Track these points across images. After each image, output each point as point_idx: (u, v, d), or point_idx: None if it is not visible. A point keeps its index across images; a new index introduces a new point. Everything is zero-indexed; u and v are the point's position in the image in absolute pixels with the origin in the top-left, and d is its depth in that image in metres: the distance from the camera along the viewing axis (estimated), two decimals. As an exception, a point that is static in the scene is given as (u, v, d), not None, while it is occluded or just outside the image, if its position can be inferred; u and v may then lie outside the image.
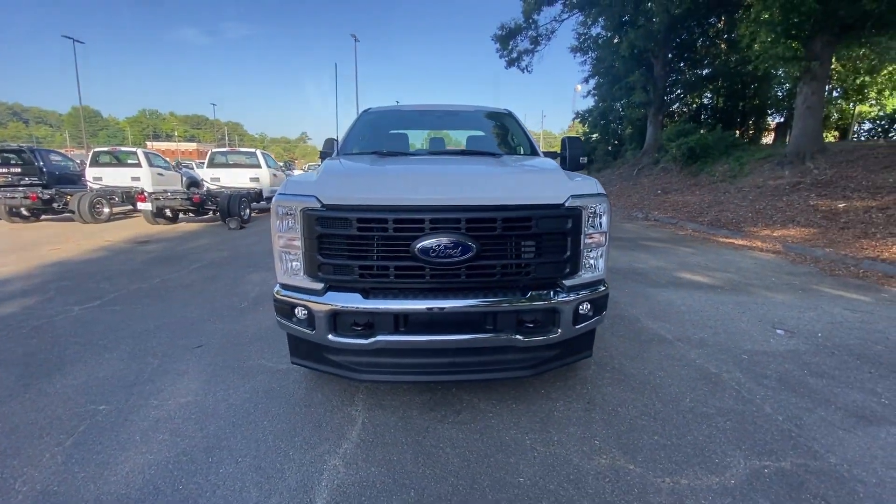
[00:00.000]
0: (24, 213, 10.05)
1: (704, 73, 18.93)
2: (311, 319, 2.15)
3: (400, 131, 4.04)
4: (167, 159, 14.70)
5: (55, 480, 1.82)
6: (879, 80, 14.57)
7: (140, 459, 1.95)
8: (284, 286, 2.25)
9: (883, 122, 17.04)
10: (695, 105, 21.15)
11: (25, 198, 9.58)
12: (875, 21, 9.05)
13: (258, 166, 12.61)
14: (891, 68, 12.93)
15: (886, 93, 15.79)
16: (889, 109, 16.81)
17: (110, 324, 3.63)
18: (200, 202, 9.56)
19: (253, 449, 2.03)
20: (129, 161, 12.64)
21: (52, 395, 2.50)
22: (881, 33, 9.18)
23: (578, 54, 21.17)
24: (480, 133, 4.21)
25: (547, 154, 3.57)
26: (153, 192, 9.91)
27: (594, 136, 23.74)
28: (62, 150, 16.10)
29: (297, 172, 14.99)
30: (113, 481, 1.82)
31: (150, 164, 12.63)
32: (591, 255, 2.26)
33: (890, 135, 16.23)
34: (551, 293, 2.17)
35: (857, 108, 18.03)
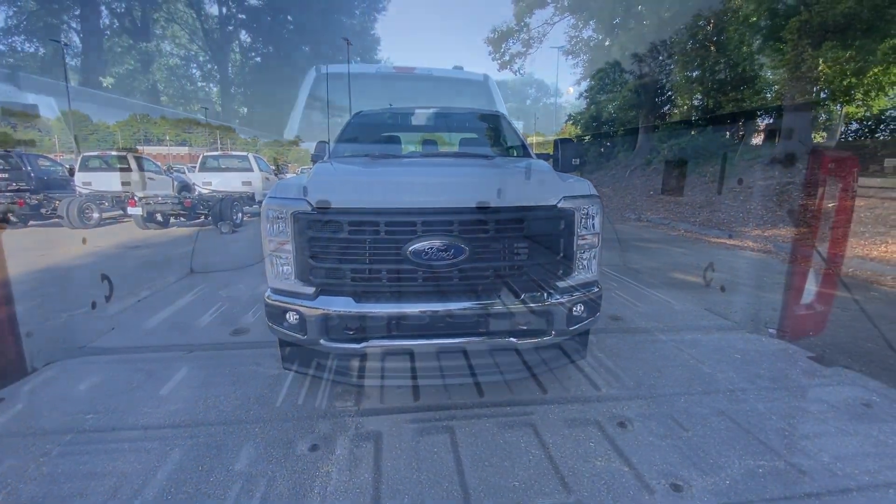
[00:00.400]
0: (12, 218, 9.89)
1: (694, 74, 19.13)
2: (302, 324, 2.13)
3: (392, 134, 4.03)
4: (158, 163, 14.56)
5: (41, 492, 1.78)
6: (866, 81, 14.78)
7: (128, 469, 1.92)
8: (275, 290, 2.23)
9: (869, 123, 17.28)
10: (685, 107, 21.35)
11: (13, 203, 9.44)
12: (859, 24, 9.20)
13: (250, 170, 12.52)
14: (876, 70, 13.11)
15: (873, 94, 16.02)
16: (875, 110, 17.06)
17: (99, 330, 3.57)
18: (192, 206, 9.49)
19: (244, 456, 2.00)
20: (119, 165, 12.49)
21: (38, 405, 2.45)
22: (866, 36, 9.33)
23: (570, 57, 21.40)
24: (473, 135, 4.22)
25: (539, 156, 3.58)
26: (144, 197, 9.81)
27: (586, 138, 23.90)
28: (52, 155, 15.91)
29: (289, 176, 14.91)
30: (101, 492, 1.78)
31: (140, 169, 12.49)
32: (584, 257, 2.26)
33: (876, 135, 16.47)
34: (545, 295, 2.17)
35: (845, 109, 18.30)
